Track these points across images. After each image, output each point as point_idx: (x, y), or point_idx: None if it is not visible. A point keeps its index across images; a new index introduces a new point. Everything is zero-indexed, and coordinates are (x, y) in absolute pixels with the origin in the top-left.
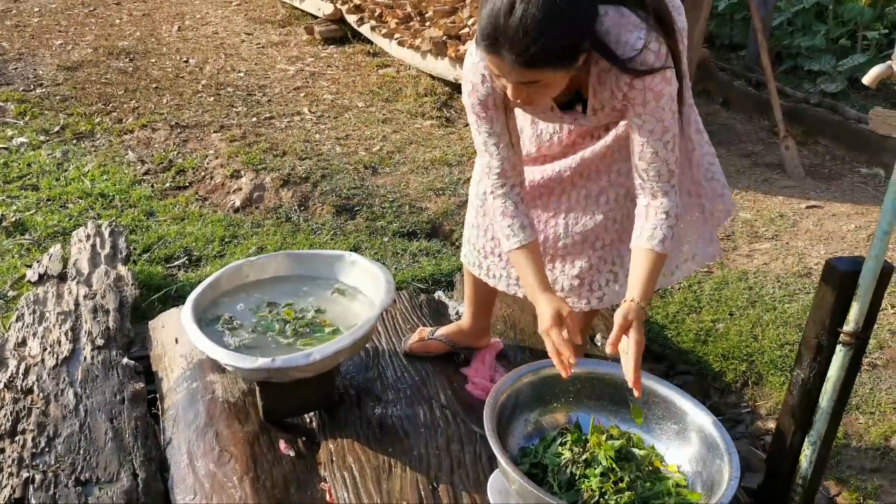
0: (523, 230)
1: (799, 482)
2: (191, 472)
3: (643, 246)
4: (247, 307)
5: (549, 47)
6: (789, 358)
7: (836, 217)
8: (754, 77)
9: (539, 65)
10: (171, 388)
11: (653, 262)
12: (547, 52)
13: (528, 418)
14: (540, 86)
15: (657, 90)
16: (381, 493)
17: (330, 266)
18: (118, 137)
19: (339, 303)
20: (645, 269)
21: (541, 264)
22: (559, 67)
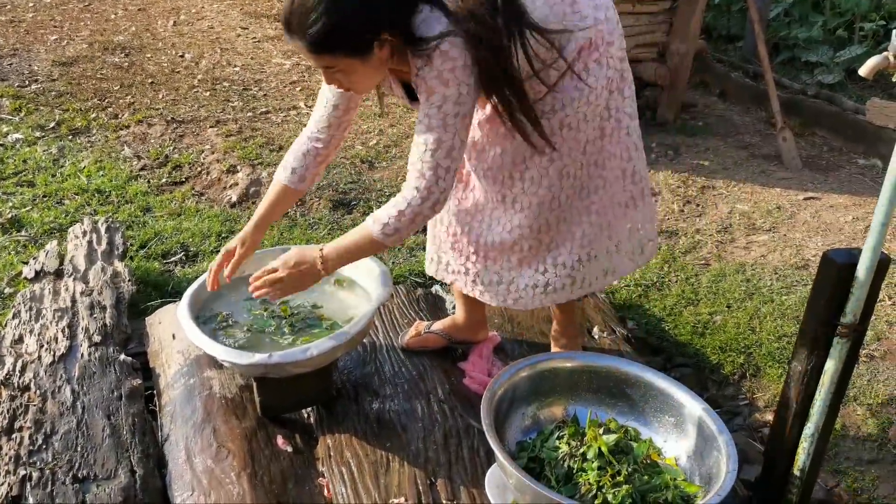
0: (299, 179)
1: (797, 474)
2: (188, 468)
3: (367, 221)
4: (241, 304)
5: (332, 33)
6: (787, 350)
7: (833, 208)
8: (751, 68)
9: (325, 51)
10: (168, 384)
11: (362, 239)
12: (330, 37)
13: (526, 412)
14: (340, 72)
15: (430, 87)
16: (379, 488)
17: None
18: (114, 133)
19: (335, 297)
20: (352, 239)
21: (278, 206)
22: (350, 54)
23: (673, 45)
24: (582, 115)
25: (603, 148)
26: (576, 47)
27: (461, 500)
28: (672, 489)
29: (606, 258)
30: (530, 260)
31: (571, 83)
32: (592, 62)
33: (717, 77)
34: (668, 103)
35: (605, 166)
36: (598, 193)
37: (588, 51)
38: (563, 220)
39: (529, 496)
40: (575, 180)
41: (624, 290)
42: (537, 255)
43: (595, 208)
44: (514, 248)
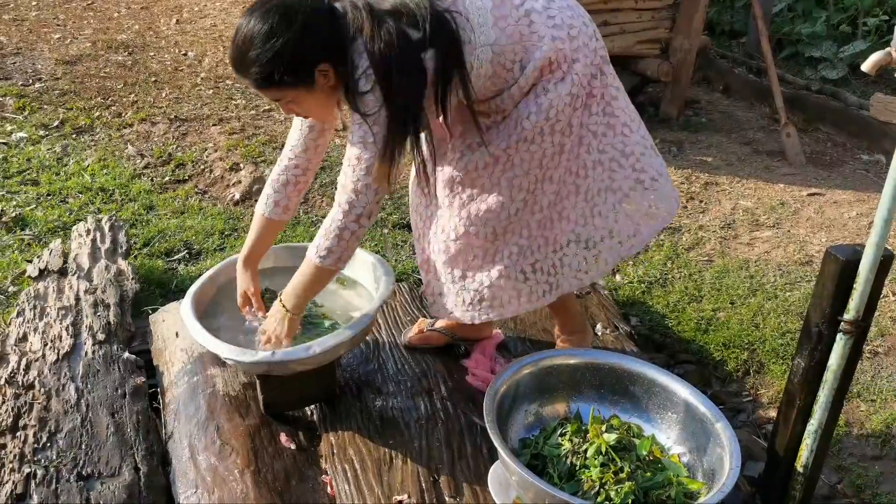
0: (283, 210)
1: (800, 471)
2: (192, 465)
3: (308, 252)
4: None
5: (272, 68)
6: (791, 346)
7: (837, 204)
8: (755, 64)
9: (270, 84)
10: (171, 382)
11: (308, 270)
12: (271, 72)
13: (529, 409)
14: (291, 102)
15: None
16: (383, 486)
17: None
18: (117, 131)
19: (338, 296)
20: (301, 274)
21: (264, 240)
22: (294, 86)
23: (676, 40)
24: (539, 129)
25: (559, 164)
26: (537, 67)
27: (464, 497)
28: (675, 486)
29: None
30: (474, 271)
31: (531, 99)
32: (554, 83)
33: (720, 73)
34: (672, 99)
35: (562, 181)
36: (549, 209)
37: (549, 69)
38: (509, 230)
39: (532, 493)
40: (528, 194)
41: (627, 287)
42: (482, 266)
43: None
44: (457, 259)
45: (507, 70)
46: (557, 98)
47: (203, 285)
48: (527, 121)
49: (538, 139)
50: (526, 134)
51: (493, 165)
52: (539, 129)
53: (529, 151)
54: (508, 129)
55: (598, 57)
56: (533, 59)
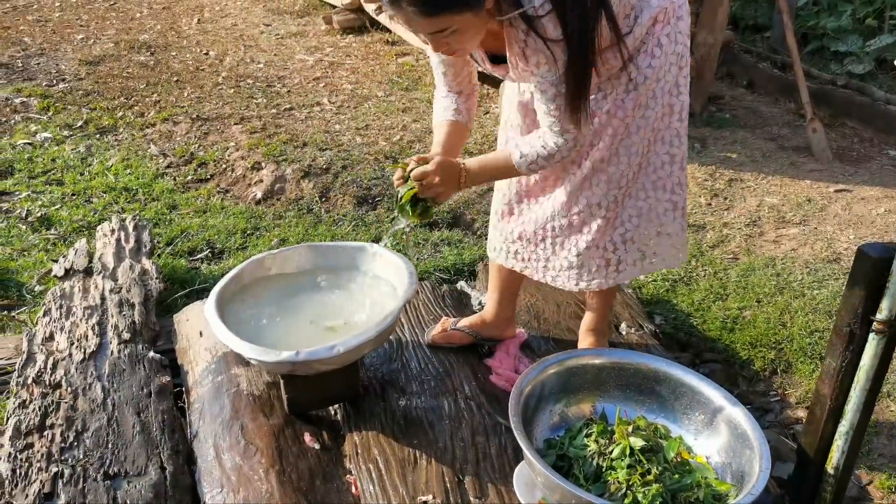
0: (458, 113)
1: (831, 472)
2: (217, 465)
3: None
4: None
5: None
6: (819, 345)
7: (865, 201)
8: (779, 59)
9: (437, 11)
10: (196, 381)
11: (502, 161)
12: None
13: (554, 409)
14: (452, 33)
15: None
16: (407, 486)
17: (352, 257)
18: (140, 131)
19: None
20: (493, 159)
21: (456, 140)
22: (461, 9)
23: (700, 35)
24: (651, 92)
25: (670, 125)
26: (650, 17)
27: (489, 497)
28: (703, 488)
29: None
30: (598, 240)
31: (645, 60)
32: (664, 36)
33: (744, 68)
34: (695, 95)
35: (671, 143)
36: (664, 169)
37: (661, 24)
38: (628, 195)
39: (558, 494)
40: (642, 157)
41: (651, 285)
42: (605, 234)
43: (661, 184)
44: (583, 230)
45: (623, 18)
46: (665, 59)
47: (227, 284)
48: (642, 86)
49: (651, 103)
50: (641, 99)
51: (613, 137)
52: (651, 93)
53: (644, 117)
54: (621, 94)
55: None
56: (648, 7)
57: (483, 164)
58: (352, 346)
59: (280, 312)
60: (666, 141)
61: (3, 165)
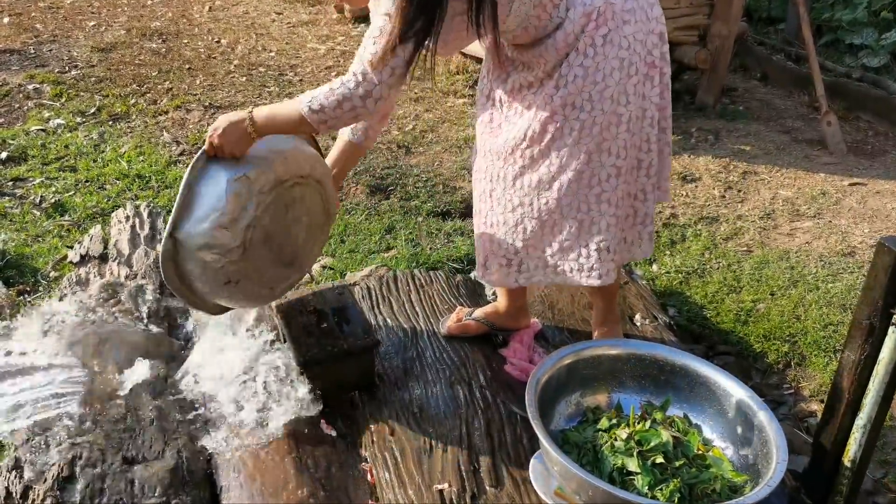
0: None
1: (847, 465)
2: (234, 451)
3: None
4: None
5: None
6: (833, 339)
7: (880, 195)
8: (793, 51)
9: None
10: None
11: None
12: None
13: (570, 399)
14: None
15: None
16: (423, 474)
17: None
18: (153, 118)
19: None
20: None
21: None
22: None
23: (714, 27)
24: (587, 94)
25: (617, 135)
26: (582, 13)
27: (505, 486)
28: (720, 480)
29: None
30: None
31: (577, 58)
32: (600, 37)
33: (758, 60)
34: (709, 87)
35: (618, 155)
36: (609, 182)
37: (596, 24)
38: (564, 204)
39: (575, 484)
40: (581, 165)
41: (664, 277)
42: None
43: (606, 197)
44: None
45: (552, 8)
46: (605, 61)
47: None
48: (572, 85)
49: (587, 106)
50: (573, 99)
51: (541, 134)
52: (587, 95)
53: (578, 120)
54: (550, 90)
55: (657, 34)
56: (582, 3)
57: (272, 113)
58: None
59: None
60: (612, 152)
61: (16, 152)
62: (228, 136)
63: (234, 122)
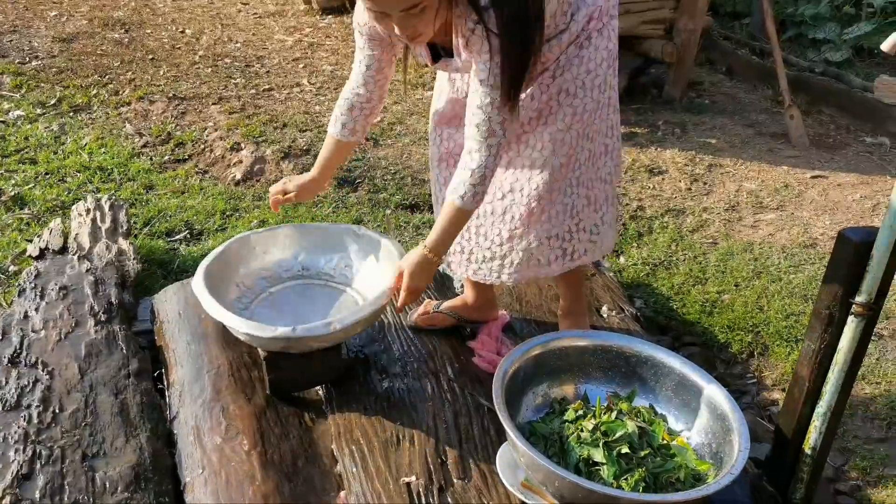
0: (353, 133)
1: (808, 452)
2: (198, 446)
3: (447, 198)
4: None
5: None
6: (795, 329)
7: (841, 187)
8: (758, 46)
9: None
10: (176, 362)
11: (451, 213)
12: None
13: (537, 391)
14: (421, 11)
15: (493, 46)
16: (390, 467)
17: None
18: (115, 110)
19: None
20: (443, 218)
21: (333, 159)
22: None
23: (680, 21)
24: (580, 82)
25: (595, 121)
26: (586, 14)
27: (472, 478)
28: (684, 468)
29: (594, 230)
30: (522, 232)
31: (573, 49)
32: (595, 31)
33: (723, 54)
34: (675, 81)
35: (593, 139)
36: (585, 165)
37: (595, 20)
38: (554, 189)
39: (541, 474)
40: (569, 149)
41: (632, 269)
42: (529, 226)
43: (583, 180)
44: (504, 219)
45: (561, 15)
46: (596, 52)
47: (213, 261)
48: (568, 72)
49: (580, 93)
50: (567, 86)
51: (536, 120)
52: (581, 83)
53: (571, 106)
54: (547, 80)
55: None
56: (585, 5)
57: (442, 234)
58: (348, 324)
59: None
60: (590, 137)
61: None
62: (421, 279)
63: (420, 264)
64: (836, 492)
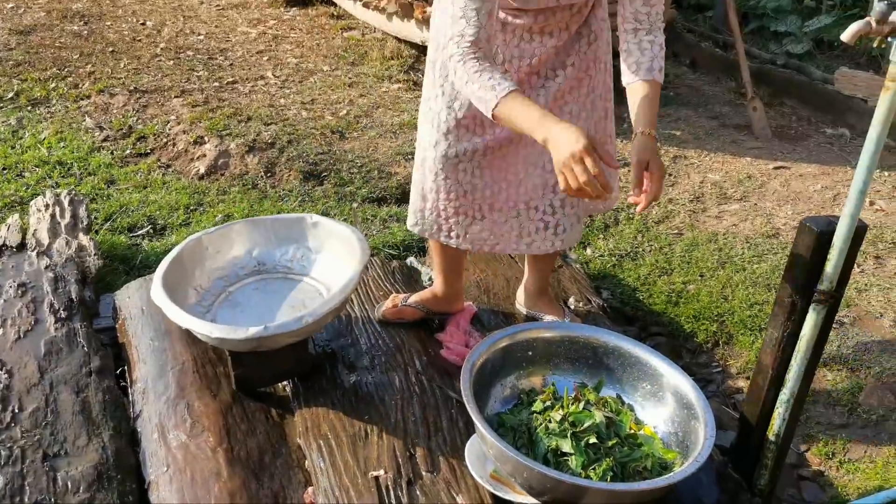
0: (507, 79)
1: (772, 439)
2: (163, 444)
3: (645, 78)
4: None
5: None
6: (759, 318)
7: (802, 177)
8: (721, 38)
9: None
10: (139, 359)
11: (655, 91)
12: None
13: (505, 383)
14: None
15: None
16: (358, 461)
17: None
18: (75, 103)
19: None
20: (650, 99)
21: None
22: None
23: None
24: (606, 46)
25: (606, 81)
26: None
27: (441, 471)
28: (651, 457)
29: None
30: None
31: (600, 13)
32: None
33: (687, 47)
34: None
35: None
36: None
37: None
38: None
39: (510, 466)
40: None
41: (598, 261)
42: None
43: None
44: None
45: None
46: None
47: (168, 268)
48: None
49: (605, 59)
50: (599, 53)
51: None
52: (606, 47)
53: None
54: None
55: None
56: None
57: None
58: (319, 315)
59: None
60: (606, 97)
61: None
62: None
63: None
64: (799, 477)
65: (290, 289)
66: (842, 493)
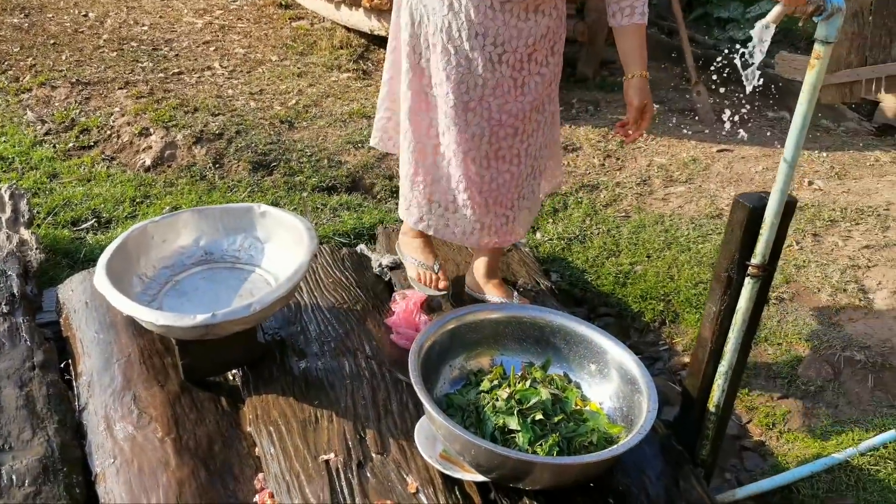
0: None
1: (712, 410)
2: (109, 436)
3: (633, 21)
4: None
5: None
6: (703, 296)
7: (745, 160)
8: (666, 25)
9: None
10: (83, 352)
11: (641, 32)
12: None
13: (453, 364)
14: None
15: None
16: (308, 446)
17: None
18: (15, 97)
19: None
20: (637, 40)
21: None
22: None
23: (592, 1)
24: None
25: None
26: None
27: (391, 452)
28: (597, 432)
29: None
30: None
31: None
32: None
33: None
34: (588, 60)
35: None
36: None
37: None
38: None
39: (458, 445)
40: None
41: (547, 244)
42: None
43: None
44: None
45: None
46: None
47: (112, 256)
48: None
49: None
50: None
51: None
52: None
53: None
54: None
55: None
56: None
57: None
58: (267, 303)
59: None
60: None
61: None
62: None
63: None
64: (741, 448)
65: (237, 278)
66: (782, 461)
